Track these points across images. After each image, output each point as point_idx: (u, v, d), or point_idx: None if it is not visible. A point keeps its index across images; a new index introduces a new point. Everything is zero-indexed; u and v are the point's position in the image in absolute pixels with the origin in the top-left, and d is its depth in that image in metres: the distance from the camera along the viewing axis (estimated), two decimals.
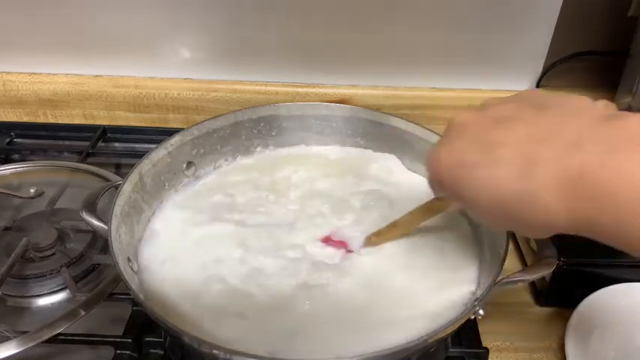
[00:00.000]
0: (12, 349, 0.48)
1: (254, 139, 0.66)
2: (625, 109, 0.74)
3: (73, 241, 0.62)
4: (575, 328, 0.54)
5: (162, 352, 0.51)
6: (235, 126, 0.64)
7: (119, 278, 0.49)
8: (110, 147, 0.82)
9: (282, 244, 0.54)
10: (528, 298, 0.61)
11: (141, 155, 0.57)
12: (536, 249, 0.49)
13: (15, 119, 0.84)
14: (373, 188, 0.61)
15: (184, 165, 0.62)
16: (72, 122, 0.84)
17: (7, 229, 0.64)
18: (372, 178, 0.63)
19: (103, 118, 0.84)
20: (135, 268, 0.51)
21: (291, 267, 0.52)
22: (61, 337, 0.50)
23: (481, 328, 0.54)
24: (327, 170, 0.64)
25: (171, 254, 0.54)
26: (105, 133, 0.82)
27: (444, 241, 0.54)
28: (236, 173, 0.64)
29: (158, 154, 0.58)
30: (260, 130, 0.66)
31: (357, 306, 0.49)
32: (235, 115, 0.64)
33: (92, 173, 0.70)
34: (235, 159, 0.66)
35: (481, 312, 0.43)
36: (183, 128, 0.61)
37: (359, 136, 0.67)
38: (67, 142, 0.81)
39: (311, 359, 0.44)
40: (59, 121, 0.84)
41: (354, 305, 0.49)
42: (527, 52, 0.78)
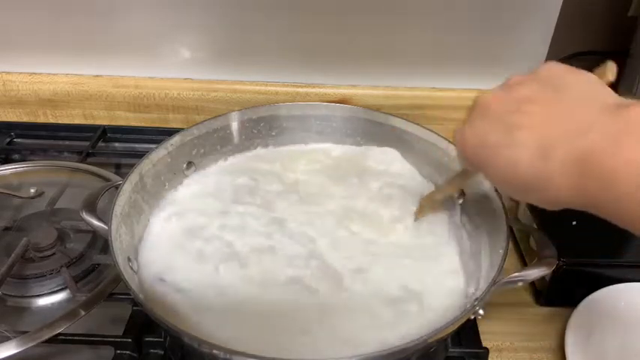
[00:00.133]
0: (12, 349, 0.48)
1: (254, 139, 0.66)
2: None
3: (73, 241, 0.62)
4: (575, 328, 0.54)
5: (162, 352, 0.51)
6: (235, 126, 0.65)
7: (119, 278, 0.49)
8: (110, 147, 0.82)
9: (284, 243, 0.54)
10: (528, 298, 0.61)
11: (141, 155, 0.57)
12: (536, 249, 0.49)
13: (15, 119, 0.84)
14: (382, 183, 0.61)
15: (184, 165, 0.62)
16: (72, 122, 0.84)
17: (7, 229, 0.64)
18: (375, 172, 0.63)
19: (103, 118, 0.84)
20: (135, 268, 0.51)
21: (294, 268, 0.52)
22: (61, 337, 0.50)
23: (481, 328, 0.54)
24: (329, 169, 0.64)
25: (172, 254, 0.53)
26: (105, 133, 0.82)
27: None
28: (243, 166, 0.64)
29: (158, 154, 0.58)
30: (260, 130, 0.66)
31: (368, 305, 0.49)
32: (235, 115, 0.65)
33: (92, 173, 0.70)
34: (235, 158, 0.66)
35: (481, 312, 0.43)
36: (183, 128, 0.61)
37: (359, 135, 0.67)
38: (67, 142, 0.81)
39: (311, 359, 0.44)
40: (59, 121, 0.84)
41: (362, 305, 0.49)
42: (527, 52, 0.78)
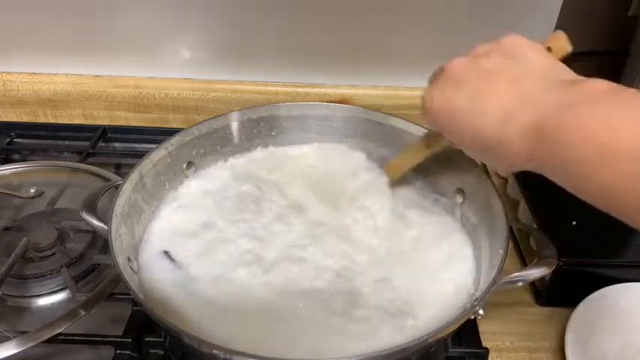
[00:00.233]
0: (12, 349, 0.48)
1: (254, 139, 0.66)
2: None
3: (73, 241, 0.62)
4: (574, 328, 0.54)
5: (162, 352, 0.51)
6: (235, 126, 0.65)
7: (119, 278, 0.49)
8: (110, 147, 0.82)
9: (285, 244, 0.55)
10: (528, 298, 0.61)
11: (141, 155, 0.57)
12: (536, 249, 0.49)
13: (15, 119, 0.84)
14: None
15: (184, 165, 0.62)
16: (72, 122, 0.84)
17: (7, 229, 0.64)
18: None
19: (103, 118, 0.84)
20: (135, 268, 0.51)
21: (295, 268, 0.52)
22: (61, 337, 0.50)
23: (481, 328, 0.54)
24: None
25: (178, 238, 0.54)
26: (105, 133, 0.82)
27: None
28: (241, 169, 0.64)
29: (158, 154, 0.58)
30: (260, 130, 0.66)
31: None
32: (235, 115, 0.64)
33: (92, 173, 0.70)
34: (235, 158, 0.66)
35: (481, 312, 0.43)
36: (183, 128, 0.61)
37: (359, 136, 0.67)
38: (67, 142, 0.81)
39: (311, 359, 0.44)
40: (59, 121, 0.84)
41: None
42: None
